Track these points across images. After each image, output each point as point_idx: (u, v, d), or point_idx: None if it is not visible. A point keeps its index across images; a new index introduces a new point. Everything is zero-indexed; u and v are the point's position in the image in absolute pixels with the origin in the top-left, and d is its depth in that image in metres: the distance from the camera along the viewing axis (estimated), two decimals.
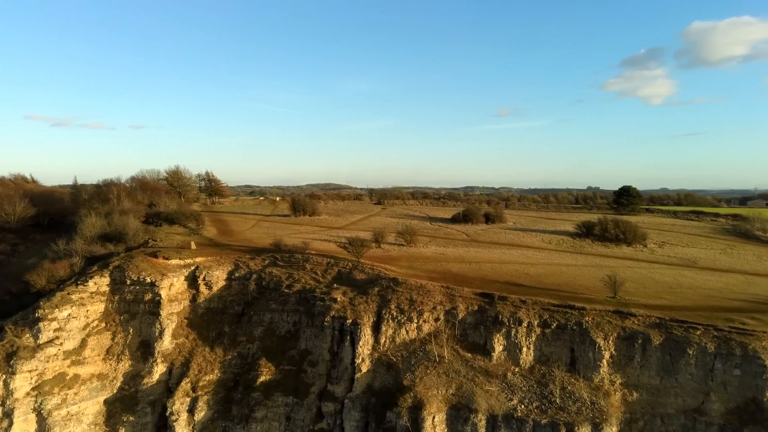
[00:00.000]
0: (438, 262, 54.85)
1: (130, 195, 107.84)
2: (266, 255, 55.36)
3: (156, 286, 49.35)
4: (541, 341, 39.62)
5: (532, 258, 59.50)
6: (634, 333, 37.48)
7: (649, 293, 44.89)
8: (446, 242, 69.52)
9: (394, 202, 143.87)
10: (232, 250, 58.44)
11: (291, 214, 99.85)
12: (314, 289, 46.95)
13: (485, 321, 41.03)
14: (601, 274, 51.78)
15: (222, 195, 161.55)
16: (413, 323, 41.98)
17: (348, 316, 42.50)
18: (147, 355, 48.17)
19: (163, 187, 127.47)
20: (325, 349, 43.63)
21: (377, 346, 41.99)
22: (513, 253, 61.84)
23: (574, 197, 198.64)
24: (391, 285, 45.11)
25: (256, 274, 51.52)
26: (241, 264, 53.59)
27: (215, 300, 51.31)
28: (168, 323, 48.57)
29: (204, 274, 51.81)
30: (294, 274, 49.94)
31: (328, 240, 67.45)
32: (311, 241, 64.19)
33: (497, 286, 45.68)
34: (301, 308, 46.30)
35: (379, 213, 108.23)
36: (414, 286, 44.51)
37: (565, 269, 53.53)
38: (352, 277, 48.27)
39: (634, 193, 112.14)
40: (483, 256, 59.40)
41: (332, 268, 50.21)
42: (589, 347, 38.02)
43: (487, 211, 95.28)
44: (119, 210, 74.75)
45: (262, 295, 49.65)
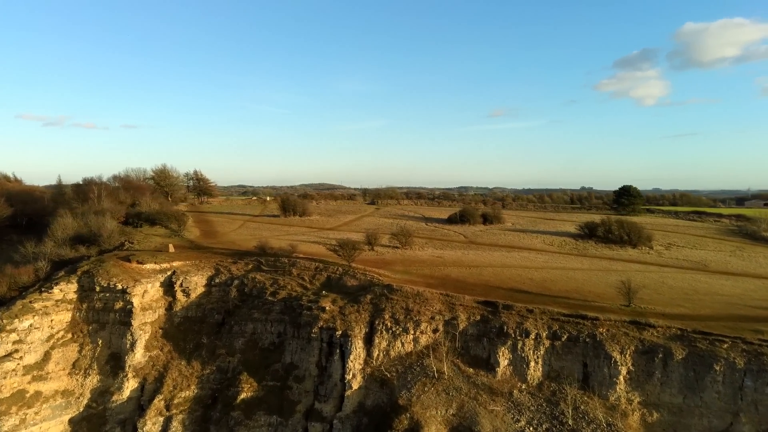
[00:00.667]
0: (435, 266, 51.03)
1: (112, 194, 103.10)
2: (250, 259, 51.23)
3: (128, 293, 45.05)
4: (551, 355, 35.93)
5: (535, 261, 55.88)
6: (654, 346, 33.90)
7: (665, 300, 41.38)
8: (443, 244, 65.75)
9: (388, 202, 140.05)
10: (214, 254, 54.22)
11: (280, 214, 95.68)
12: (301, 297, 42.93)
13: (489, 332, 37.26)
14: (610, 278, 48.32)
15: (211, 195, 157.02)
16: (409, 335, 38.12)
17: (337, 327, 38.55)
18: (117, 370, 43.89)
19: (148, 187, 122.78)
20: (312, 364, 39.65)
21: (370, 360, 38.08)
22: (515, 256, 58.19)
23: (569, 197, 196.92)
24: (385, 292, 41.21)
25: (238, 280, 47.37)
26: (222, 269, 49.41)
27: (193, 308, 47.09)
28: (140, 334, 44.31)
29: (181, 279, 47.58)
30: (279, 280, 45.88)
31: (317, 242, 63.41)
32: (299, 243, 60.21)
33: (500, 293, 41.94)
34: (287, 318, 42.26)
35: (373, 213, 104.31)
36: (410, 293, 40.64)
37: (572, 274, 49.93)
38: (342, 283, 44.32)
39: (634, 192, 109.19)
40: (483, 259, 55.68)
41: (321, 274, 46.21)
42: (603, 362, 34.38)
43: (484, 212, 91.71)
44: (94, 210, 70.17)
45: (245, 303, 45.53)
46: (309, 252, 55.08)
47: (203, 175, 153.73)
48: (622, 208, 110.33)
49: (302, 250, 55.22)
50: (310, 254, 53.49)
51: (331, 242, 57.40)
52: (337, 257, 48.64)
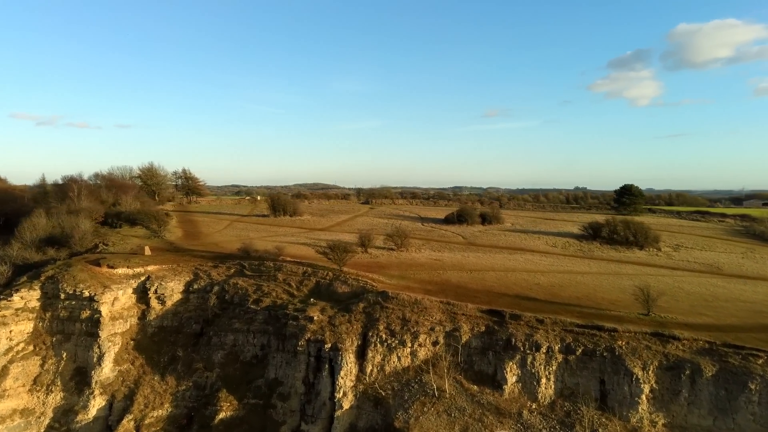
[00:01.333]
0: (434, 270, 47.23)
1: (93, 193, 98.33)
2: (232, 262, 47.13)
3: (96, 300, 40.82)
4: (564, 371, 32.27)
5: (540, 264, 52.25)
6: (680, 361, 30.34)
7: (685, 308, 37.88)
8: (441, 246, 61.99)
9: (383, 202, 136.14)
10: (194, 257, 50.05)
11: (270, 214, 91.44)
12: (287, 305, 38.94)
13: (495, 345, 33.52)
14: (622, 283, 44.82)
15: (200, 194, 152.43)
16: (406, 348, 34.29)
17: (326, 339, 34.62)
18: (83, 386, 39.67)
19: (132, 185, 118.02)
20: (298, 380, 35.70)
21: (362, 376, 34.21)
22: (518, 259, 54.54)
23: (565, 197, 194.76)
24: (379, 300, 37.32)
25: (218, 286, 43.27)
26: (202, 273, 45.27)
27: (169, 317, 42.94)
28: (109, 346, 40.10)
29: (156, 285, 43.40)
30: (263, 286, 41.83)
31: (307, 243, 59.37)
32: (287, 244, 56.18)
33: (506, 300, 38.23)
34: (271, 328, 38.27)
35: (367, 213, 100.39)
36: (407, 301, 36.79)
37: (581, 278, 46.35)
38: (332, 289, 40.37)
39: (635, 192, 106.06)
40: (484, 262, 51.95)
41: (309, 279, 42.23)
42: (624, 379, 30.77)
43: (483, 211, 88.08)
44: (68, 209, 65.62)
45: (225, 312, 41.46)
46: (297, 255, 51.06)
47: (192, 173, 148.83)
48: (623, 208, 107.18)
49: (290, 252, 51.21)
50: (299, 257, 49.48)
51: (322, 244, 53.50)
52: (328, 261, 44.68)
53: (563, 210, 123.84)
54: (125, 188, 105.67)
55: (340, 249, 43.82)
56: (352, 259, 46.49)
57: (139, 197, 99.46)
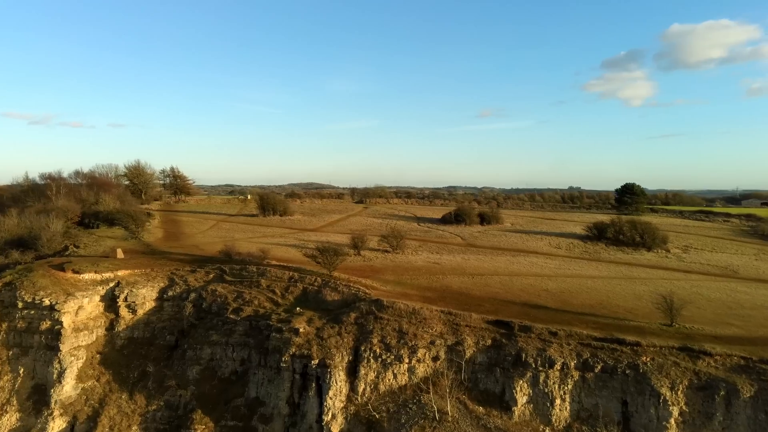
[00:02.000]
0: (432, 274, 43.45)
1: (73, 191, 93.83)
2: (212, 266, 43.04)
3: (57, 310, 36.60)
4: (581, 390, 28.62)
5: (546, 268, 48.67)
6: (713, 380, 26.79)
7: (709, 317, 34.41)
8: (439, 248, 58.25)
9: (377, 201, 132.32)
10: (170, 260, 45.90)
11: (259, 213, 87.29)
12: (270, 315, 34.96)
13: (502, 361, 29.81)
14: (637, 289, 41.33)
15: (188, 193, 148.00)
16: (403, 364, 30.49)
17: (314, 355, 30.74)
18: (41, 406, 35.45)
19: (114, 183, 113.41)
20: (282, 399, 31.77)
21: (354, 396, 30.37)
22: (522, 262, 50.92)
23: (561, 196, 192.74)
24: (373, 309, 33.47)
25: (195, 293, 39.19)
26: (178, 279, 41.17)
27: (140, 327, 38.81)
28: (71, 361, 35.91)
29: (126, 292, 39.24)
30: (245, 293, 37.81)
31: (296, 245, 55.36)
32: (275, 246, 52.16)
33: (513, 309, 34.54)
34: (252, 341, 34.30)
35: (360, 213, 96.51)
36: (404, 311, 32.97)
37: (592, 283, 42.80)
38: (321, 297, 36.45)
39: (637, 191, 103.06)
40: (487, 265, 48.26)
41: (296, 285, 38.24)
42: (649, 400, 27.18)
43: (481, 211, 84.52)
44: (39, 209, 61.18)
45: (202, 322, 37.40)
46: (284, 258, 47.07)
47: (180, 171, 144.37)
48: (624, 208, 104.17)
49: (276, 255, 47.20)
50: (285, 261, 45.51)
51: (311, 246, 49.64)
52: (316, 265, 40.73)
53: (562, 209, 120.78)
54: (107, 186, 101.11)
55: (330, 252, 39.90)
56: (343, 263, 42.62)
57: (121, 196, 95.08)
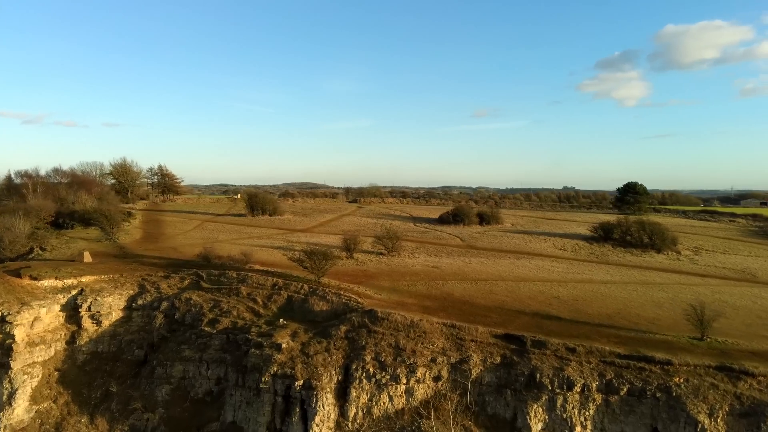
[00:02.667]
0: (432, 280, 39.63)
1: (50, 190, 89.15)
2: (188, 271, 38.95)
3: (8, 321, 32.40)
4: (605, 416, 24.96)
5: (553, 272, 45.05)
6: (757, 405, 23.23)
7: (740, 329, 30.91)
8: (438, 249, 54.49)
9: (372, 201, 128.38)
10: (143, 264, 41.75)
11: (247, 213, 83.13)
12: (249, 327, 30.99)
13: (514, 382, 26.08)
14: (655, 296, 37.79)
15: (177, 192, 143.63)
16: (400, 385, 26.68)
17: (298, 374, 26.85)
18: None
19: (97, 182, 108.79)
20: (262, 425, 27.83)
21: (343, 422, 26.52)
22: (527, 265, 47.27)
23: (557, 196, 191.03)
24: (366, 322, 29.60)
25: (167, 302, 35.09)
26: (149, 285, 37.05)
27: (105, 341, 34.68)
28: (24, 380, 31.75)
29: (90, 301, 35.08)
30: (222, 303, 33.78)
31: (283, 247, 51.32)
32: (259, 249, 48.15)
33: (524, 320, 30.83)
34: (229, 358, 30.31)
35: (354, 212, 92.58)
36: (401, 323, 29.14)
37: (605, 289, 39.22)
38: (307, 307, 32.51)
39: (640, 190, 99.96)
40: (490, 270, 44.54)
41: (279, 294, 34.25)
42: (684, 428, 23.56)
43: (481, 211, 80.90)
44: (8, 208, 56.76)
45: (174, 335, 33.34)
46: (269, 261, 43.08)
47: (168, 170, 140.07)
48: (626, 207, 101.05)
49: (260, 258, 43.20)
50: (270, 265, 41.53)
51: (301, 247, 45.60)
52: (304, 270, 36.75)
53: (562, 209, 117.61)
54: (88, 185, 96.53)
55: (318, 256, 35.93)
56: (334, 268, 38.68)
57: (103, 195, 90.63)
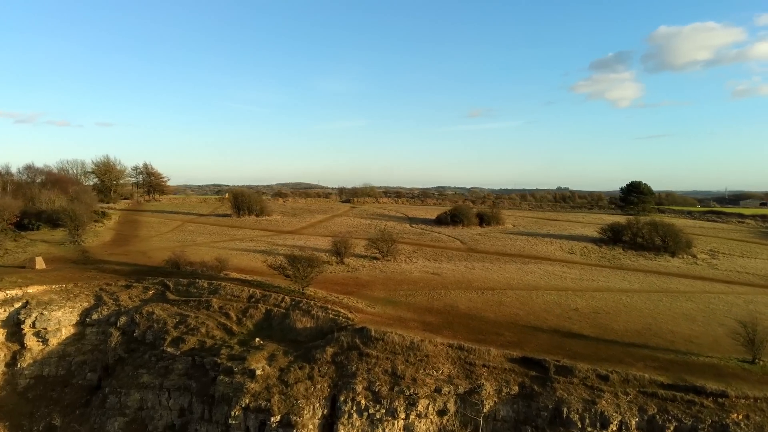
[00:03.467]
0: (433, 289, 35.06)
1: (21, 188, 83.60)
2: (153, 280, 34.06)
3: None
4: None
5: (566, 279, 40.70)
6: None
7: None
8: (437, 253, 49.97)
9: (366, 200, 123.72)
10: (103, 271, 36.80)
11: (233, 213, 78.12)
12: (219, 348, 26.23)
13: (536, 418, 21.58)
14: (683, 306, 33.51)
15: (162, 191, 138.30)
16: (398, 420, 22.10)
17: (274, 408, 22.15)
18: None
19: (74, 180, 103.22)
20: None
21: None
22: (536, 271, 42.90)
23: (553, 196, 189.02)
24: (357, 342, 24.96)
25: (126, 316, 30.21)
26: (107, 296, 32.12)
27: (52, 362, 29.73)
28: None
29: (35, 315, 30.11)
30: (190, 318, 28.96)
31: (267, 251, 46.50)
32: (240, 253, 43.36)
33: (542, 338, 26.37)
34: (194, 384, 25.51)
35: (347, 213, 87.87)
36: (399, 344, 24.53)
37: (626, 300, 34.90)
38: (288, 324, 27.80)
39: (645, 189, 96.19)
40: (496, 276, 40.07)
41: (256, 307, 29.49)
42: None
43: (480, 211, 76.49)
44: None
45: (132, 356, 28.46)
46: (248, 268, 38.29)
47: (154, 168, 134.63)
48: (630, 207, 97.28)
49: (239, 264, 38.43)
50: (250, 271, 36.75)
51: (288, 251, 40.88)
52: (286, 279, 32.01)
53: (563, 209, 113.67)
54: (64, 183, 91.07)
55: (303, 263, 31.18)
56: (322, 275, 34.01)
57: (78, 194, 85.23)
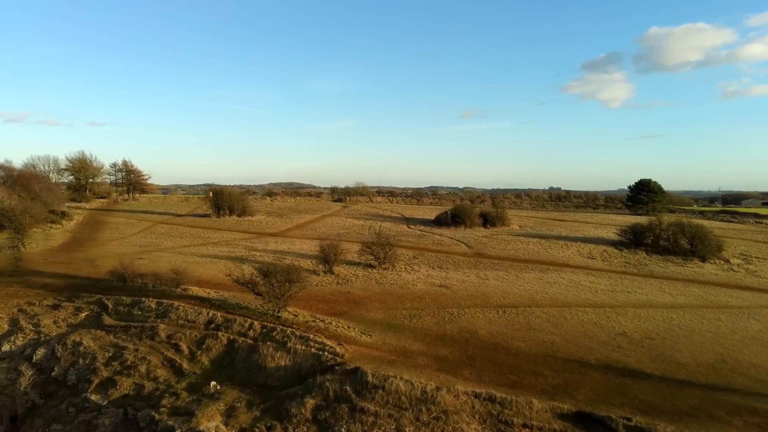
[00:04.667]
0: (442, 307, 28.43)
1: None
2: (90, 298, 26.98)
3: None
4: None
5: (596, 291, 34.33)
6: None
7: None
8: (442, 259, 43.41)
9: (359, 200, 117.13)
10: (31, 286, 29.64)
11: (212, 213, 70.99)
12: (161, 395, 19.35)
13: None
14: (749, 327, 27.21)
15: (143, 190, 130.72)
16: None
17: None
18: None
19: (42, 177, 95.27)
20: None
21: None
22: (559, 281, 36.49)
23: (549, 196, 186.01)
24: (347, 391, 18.21)
25: (46, 348, 23.17)
26: (26, 321, 25.01)
27: None
28: None
29: None
30: (127, 351, 22.01)
31: (242, 258, 39.54)
32: (209, 262, 36.36)
33: (593, 378, 19.87)
34: None
35: (338, 212, 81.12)
36: (406, 394, 17.85)
37: (678, 318, 28.57)
38: (256, 361, 20.95)
39: (655, 188, 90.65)
40: (515, 289, 33.55)
41: (216, 336, 22.59)
42: None
43: (484, 211, 70.17)
44: None
45: (48, 403, 21.44)
46: (214, 281, 31.32)
47: (134, 166, 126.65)
48: (639, 207, 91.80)
49: (203, 276, 31.46)
50: (215, 286, 29.80)
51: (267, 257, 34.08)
52: (258, 298, 25.13)
53: (566, 209, 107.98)
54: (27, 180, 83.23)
55: (279, 277, 24.27)
56: (306, 289, 27.17)
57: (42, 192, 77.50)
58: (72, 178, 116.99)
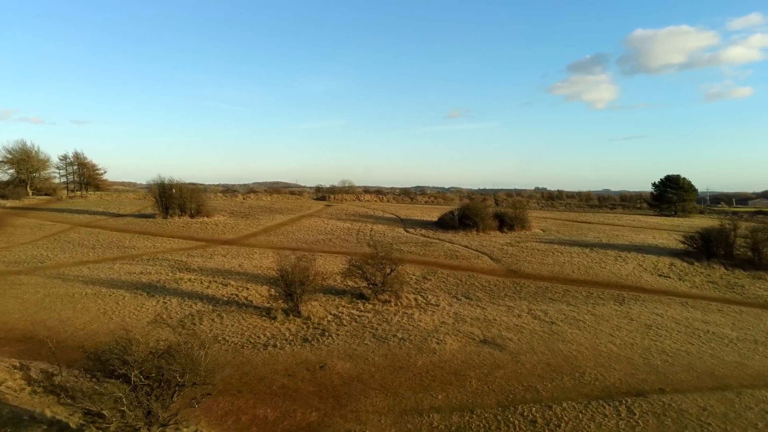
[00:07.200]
0: (506, 403, 14.87)
1: None
2: None
3: None
4: None
5: (736, 343, 21.28)
6: None
7: None
8: (464, 282, 29.86)
9: (345, 198, 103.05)
10: None
11: (159, 213, 56.27)
12: None
13: None
14: None
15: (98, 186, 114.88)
16: None
17: None
18: None
19: None
20: None
21: None
22: (663, 324, 23.31)
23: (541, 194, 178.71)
24: None
25: None
26: None
27: None
28: None
29: None
30: None
31: (160, 285, 25.35)
32: (97, 293, 22.14)
33: None
34: None
35: (319, 212, 67.07)
36: None
37: None
38: None
39: (684, 185, 78.80)
40: (612, 346, 20.17)
41: None
42: None
43: (500, 212, 57.04)
44: None
45: None
46: (77, 338, 17.21)
47: (87, 159, 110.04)
48: (666, 207, 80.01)
49: (64, 326, 17.23)
50: (74, 352, 15.76)
51: (196, 284, 20.06)
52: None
53: (579, 209, 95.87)
54: None
55: (148, 371, 10.40)
56: (240, 360, 13.48)
57: None
58: (13, 172, 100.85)
